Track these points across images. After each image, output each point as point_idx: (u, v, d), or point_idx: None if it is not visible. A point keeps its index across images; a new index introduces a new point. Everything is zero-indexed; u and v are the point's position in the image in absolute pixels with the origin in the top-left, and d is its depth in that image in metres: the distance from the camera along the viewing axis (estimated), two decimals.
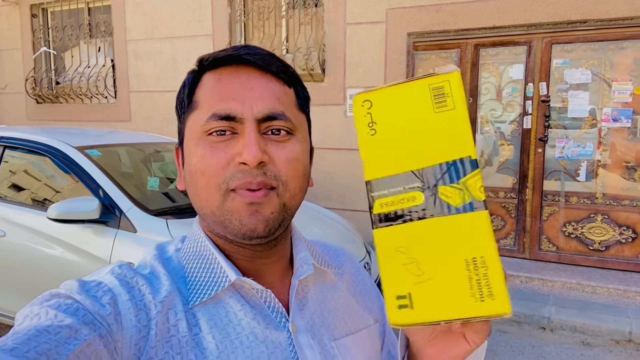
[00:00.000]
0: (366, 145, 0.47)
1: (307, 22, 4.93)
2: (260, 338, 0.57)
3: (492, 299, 0.40)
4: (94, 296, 0.51)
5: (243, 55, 0.56)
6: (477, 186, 0.41)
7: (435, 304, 0.43)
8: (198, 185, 0.56)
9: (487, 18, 4.09)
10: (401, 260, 0.44)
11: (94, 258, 2.52)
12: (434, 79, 0.44)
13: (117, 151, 3.26)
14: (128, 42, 5.81)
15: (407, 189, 0.44)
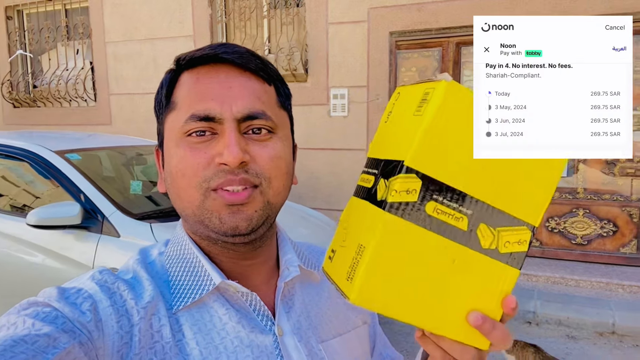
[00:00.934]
0: (379, 130, 0.52)
1: (288, 22, 4.91)
2: (245, 342, 0.56)
3: (350, 282, 0.44)
4: (74, 303, 0.50)
5: (220, 54, 0.55)
6: (392, 188, 0.43)
7: (337, 267, 0.48)
8: (179, 186, 0.55)
9: (468, 17, 4.13)
10: (344, 224, 0.51)
11: (76, 264, 2.47)
12: (429, 85, 0.45)
13: (98, 155, 3.20)
14: (107, 44, 5.72)
15: (370, 172, 0.49)
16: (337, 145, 4.67)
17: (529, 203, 0.46)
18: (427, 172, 0.43)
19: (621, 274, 3.80)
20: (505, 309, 0.46)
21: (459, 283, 0.45)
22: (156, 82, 3.05)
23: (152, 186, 3.23)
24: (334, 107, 4.65)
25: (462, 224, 0.44)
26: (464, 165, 0.44)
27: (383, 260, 0.43)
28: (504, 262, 0.46)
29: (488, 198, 0.45)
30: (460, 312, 0.46)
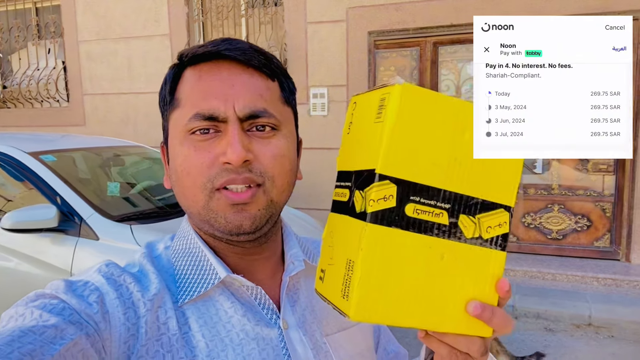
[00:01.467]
0: (343, 143, 0.53)
1: (267, 22, 4.89)
2: (251, 335, 0.57)
3: (346, 300, 0.44)
4: (81, 295, 0.51)
5: (222, 50, 0.55)
6: (369, 198, 0.43)
7: (330, 286, 0.48)
8: (184, 185, 0.55)
9: (445, 17, 4.18)
10: (329, 242, 0.51)
11: (53, 268, 2.41)
12: (384, 90, 0.45)
13: (73, 156, 3.12)
14: (80, 43, 5.58)
15: (344, 185, 0.50)
16: (317, 145, 4.67)
17: (500, 185, 0.47)
18: (399, 176, 0.43)
19: (595, 267, 3.91)
20: (500, 292, 0.47)
21: (451, 277, 0.46)
22: (131, 82, 3.04)
23: (130, 188, 3.18)
24: (314, 107, 4.66)
25: (443, 219, 0.45)
26: (433, 161, 0.45)
27: (374, 271, 0.43)
28: (490, 247, 0.47)
29: (462, 189, 0.46)
30: (458, 305, 0.46)
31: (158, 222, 2.59)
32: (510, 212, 0.48)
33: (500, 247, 0.48)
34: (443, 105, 0.45)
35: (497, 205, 0.47)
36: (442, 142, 0.45)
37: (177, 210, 2.83)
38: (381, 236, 0.43)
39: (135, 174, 3.43)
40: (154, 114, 5.37)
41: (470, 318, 0.46)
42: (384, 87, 0.45)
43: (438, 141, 0.45)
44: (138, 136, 5.40)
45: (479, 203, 0.46)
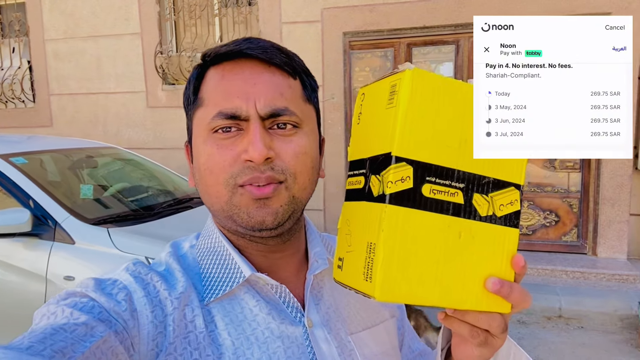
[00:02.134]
0: (353, 132, 0.54)
1: (241, 21, 4.86)
2: (276, 333, 0.57)
3: (370, 282, 0.45)
4: (110, 293, 0.52)
5: (245, 49, 0.56)
6: (387, 180, 0.44)
7: (350, 272, 0.49)
8: (207, 183, 0.56)
9: (418, 18, 4.25)
10: (345, 230, 0.52)
11: (28, 274, 2.33)
12: (394, 77, 0.47)
13: (43, 158, 3.03)
14: (46, 42, 5.42)
15: (358, 173, 0.51)
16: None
17: (509, 165, 0.49)
18: (415, 157, 0.45)
19: (564, 261, 4.05)
20: (515, 268, 0.49)
21: (469, 255, 0.47)
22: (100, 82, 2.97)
23: (103, 190, 3.10)
24: None
25: (458, 198, 0.47)
26: (445, 143, 0.46)
27: (396, 252, 0.44)
28: (503, 224, 0.49)
29: (474, 168, 0.47)
30: (477, 282, 0.47)
31: (136, 225, 2.54)
32: (520, 190, 0.50)
33: (512, 225, 0.49)
34: (451, 88, 0.47)
35: (508, 184, 0.49)
36: (452, 124, 0.47)
37: (155, 212, 2.79)
38: (401, 217, 0.44)
39: (109, 176, 3.35)
40: (125, 114, 5.27)
41: (489, 294, 0.47)
42: (394, 74, 0.47)
43: (448, 123, 0.46)
44: (108, 137, 5.27)
45: (491, 182, 0.48)
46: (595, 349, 3.07)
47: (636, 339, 3.14)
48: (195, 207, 3.05)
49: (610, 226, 4.02)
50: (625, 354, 3.01)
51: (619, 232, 4.02)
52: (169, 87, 5.10)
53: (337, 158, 4.53)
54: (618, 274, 3.75)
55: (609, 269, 3.82)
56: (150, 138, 5.23)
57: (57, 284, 2.28)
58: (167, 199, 3.14)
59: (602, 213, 4.04)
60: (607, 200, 4.01)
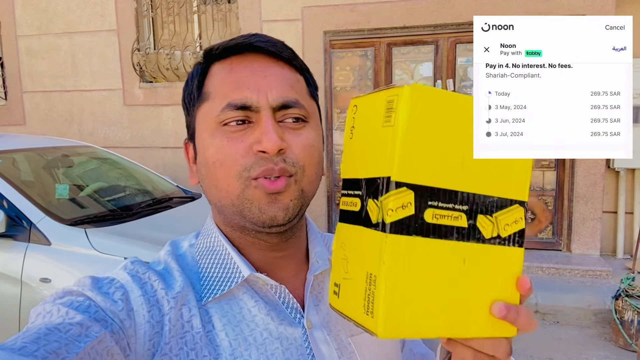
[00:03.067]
0: (346, 147, 0.51)
1: (220, 19, 4.81)
2: (274, 334, 0.56)
3: (371, 317, 0.42)
4: (106, 292, 0.51)
5: (254, 42, 0.55)
6: (387, 207, 0.41)
7: (349, 302, 0.46)
8: (217, 176, 0.55)
9: (398, 18, 4.28)
10: (341, 254, 0.49)
11: (2, 276, 2.27)
12: (390, 92, 0.43)
13: (17, 157, 2.94)
14: (19, 38, 5.26)
15: (353, 194, 0.47)
16: None
17: (513, 181, 0.47)
18: (416, 182, 0.42)
19: (540, 258, 4.14)
20: (521, 290, 0.46)
21: (474, 280, 0.44)
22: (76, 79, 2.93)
23: (79, 190, 3.03)
24: None
25: (462, 222, 0.44)
26: (447, 162, 0.43)
27: (398, 284, 0.41)
28: (508, 245, 0.46)
29: (477, 188, 0.45)
30: (482, 308, 0.45)
31: (114, 225, 2.49)
32: (525, 207, 0.47)
33: (518, 244, 0.47)
34: (452, 103, 0.44)
35: (512, 202, 0.46)
36: (454, 141, 0.44)
37: (133, 212, 2.74)
38: (403, 246, 0.41)
39: (85, 175, 3.28)
40: (101, 112, 5.15)
41: (495, 319, 0.45)
42: (390, 88, 0.44)
43: (450, 141, 0.43)
44: (83, 136, 5.15)
45: (495, 201, 0.45)
46: (571, 343, 3.15)
47: (609, 333, 3.23)
48: (175, 206, 3.01)
49: (584, 223, 4.13)
50: (600, 348, 3.10)
51: (592, 229, 4.13)
52: (147, 85, 5.01)
53: None
54: (591, 270, 3.85)
55: (582, 265, 3.92)
56: (128, 137, 5.13)
57: (32, 287, 2.22)
58: (146, 198, 3.09)
59: (576, 211, 4.14)
60: (581, 198, 4.11)
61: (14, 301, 2.24)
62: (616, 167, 4.07)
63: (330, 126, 4.60)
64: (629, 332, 3.02)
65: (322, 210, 4.65)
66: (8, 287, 2.25)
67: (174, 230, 2.54)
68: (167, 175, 3.91)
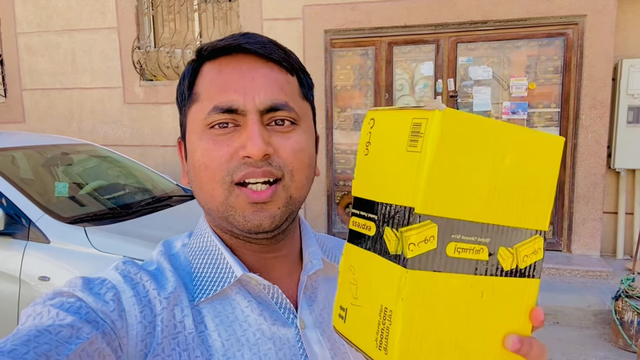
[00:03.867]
0: (359, 163, 0.47)
1: (221, 17, 4.80)
2: (267, 335, 0.56)
3: (385, 353, 0.40)
4: (97, 293, 0.51)
5: (243, 44, 0.55)
6: (409, 241, 0.38)
7: (358, 331, 0.44)
8: (202, 180, 0.55)
9: (399, 17, 4.27)
10: (349, 278, 0.46)
11: (0, 274, 2.26)
12: (417, 113, 0.40)
13: (16, 155, 2.94)
14: (18, 35, 5.25)
15: (366, 216, 0.45)
16: None
17: (535, 211, 0.45)
18: (441, 214, 0.39)
19: None
20: (534, 322, 0.46)
21: (489, 314, 0.43)
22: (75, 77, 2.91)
23: (79, 188, 3.03)
24: None
25: (483, 255, 0.42)
26: (473, 193, 0.41)
27: (415, 322, 0.39)
28: (526, 276, 0.45)
29: (500, 220, 0.43)
30: (496, 341, 0.44)
31: (114, 224, 2.48)
32: (544, 237, 0.46)
33: (534, 275, 0.45)
34: (483, 130, 0.41)
35: (532, 232, 0.45)
36: (482, 171, 0.41)
37: (133, 211, 2.73)
38: (423, 282, 0.39)
39: (85, 174, 3.27)
40: (101, 110, 5.15)
41: (507, 353, 0.44)
42: (418, 109, 0.40)
43: (478, 170, 0.41)
44: (83, 134, 5.15)
45: (517, 232, 0.44)
46: (570, 344, 3.14)
47: (609, 333, 3.23)
48: (175, 205, 3.00)
49: (584, 224, 4.12)
50: (599, 349, 3.09)
51: (592, 229, 4.12)
52: (147, 83, 5.00)
53: (319, 155, 4.50)
54: (592, 271, 3.84)
55: (583, 265, 3.91)
56: (127, 135, 5.12)
57: (31, 285, 2.22)
58: (146, 197, 3.09)
59: (577, 211, 4.14)
60: (582, 199, 4.11)
61: (13, 299, 2.23)
62: (617, 167, 4.06)
63: (331, 125, 4.59)
64: (629, 333, 3.02)
65: (322, 210, 4.64)
66: (7, 285, 2.25)
67: (174, 229, 2.54)
68: (167, 174, 3.91)
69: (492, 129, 0.41)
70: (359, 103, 4.57)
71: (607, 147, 4.04)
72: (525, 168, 0.43)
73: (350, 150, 4.63)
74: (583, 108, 4.02)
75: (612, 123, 4.06)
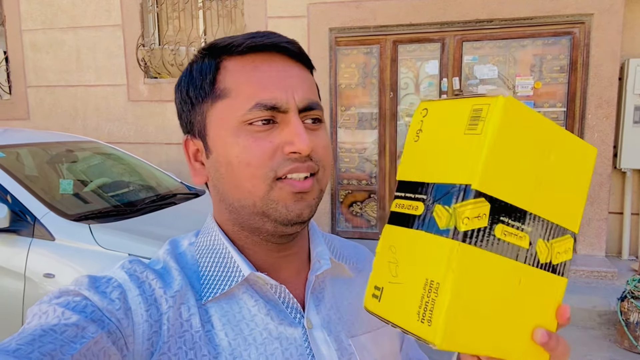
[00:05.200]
0: (408, 149, 0.49)
1: (225, 15, 4.79)
2: (274, 334, 0.56)
3: (428, 325, 0.41)
4: (103, 292, 0.51)
5: (279, 43, 0.55)
6: (463, 215, 0.40)
7: (393, 306, 0.45)
8: (240, 176, 0.54)
9: (404, 15, 4.25)
10: (388, 257, 0.47)
11: (5, 271, 2.27)
12: (478, 100, 0.43)
13: (21, 152, 2.94)
14: (23, 32, 5.26)
15: (416, 197, 0.46)
16: None
17: (570, 211, 0.47)
18: (494, 194, 0.41)
19: None
20: (560, 319, 0.47)
21: (523, 303, 0.45)
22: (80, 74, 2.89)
23: (84, 185, 3.03)
24: None
25: (524, 242, 0.44)
26: (522, 181, 0.43)
27: (463, 296, 0.40)
28: (557, 273, 0.47)
29: (543, 212, 0.45)
30: (525, 332, 0.45)
31: (118, 221, 2.48)
32: (575, 238, 0.48)
33: (565, 274, 0.48)
34: (537, 123, 0.44)
35: (566, 231, 0.47)
36: (532, 161, 0.44)
37: (137, 208, 2.73)
38: (472, 258, 0.40)
39: (89, 171, 3.27)
40: (105, 108, 5.15)
41: (533, 345, 0.45)
42: (479, 97, 0.43)
43: (529, 160, 0.43)
44: (88, 131, 5.16)
45: (554, 228, 0.46)
46: (575, 344, 3.13)
47: (614, 334, 3.21)
48: (179, 203, 3.00)
49: (590, 224, 4.10)
50: (604, 349, 3.08)
51: (598, 229, 4.10)
52: (151, 81, 5.00)
53: None
54: (597, 271, 3.83)
55: (588, 265, 3.89)
56: (132, 132, 5.13)
57: (36, 282, 2.22)
58: (150, 194, 3.09)
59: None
60: (588, 199, 4.08)
61: (18, 296, 2.24)
62: (623, 167, 4.03)
63: (335, 124, 4.58)
64: (635, 334, 3.00)
65: (326, 209, 4.64)
66: (12, 282, 2.25)
67: (178, 227, 2.54)
68: (171, 171, 3.91)
69: (543, 124, 0.44)
70: (363, 102, 4.56)
71: (613, 147, 4.02)
72: (565, 168, 0.46)
73: (355, 149, 4.62)
74: (589, 107, 4.00)
75: (619, 123, 4.03)
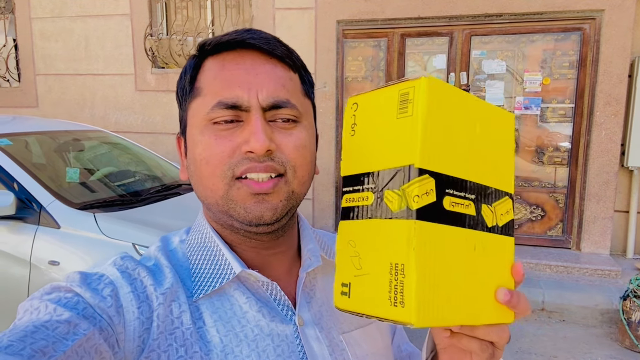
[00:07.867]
0: (346, 145, 0.50)
1: (233, 5, 4.78)
2: (265, 331, 0.56)
3: (402, 307, 0.41)
4: (95, 289, 0.51)
5: (247, 39, 0.54)
6: (413, 194, 0.42)
7: (364, 298, 0.46)
8: (203, 174, 0.54)
9: (413, 9, 4.22)
10: (349, 252, 0.48)
11: (11, 258, 2.30)
12: (403, 85, 0.44)
13: (29, 140, 2.97)
14: (33, 20, 5.28)
15: (364, 188, 0.47)
16: None
17: (503, 174, 0.50)
18: (436, 169, 0.43)
19: (548, 255, 4.10)
20: (516, 277, 0.49)
21: (481, 267, 0.47)
22: (88, 63, 2.93)
23: (90, 174, 3.06)
24: None
25: (471, 210, 0.46)
26: (457, 154, 0.45)
27: (428, 271, 0.41)
28: (504, 234, 0.50)
29: (481, 179, 0.47)
30: (488, 295, 0.47)
31: (123, 211, 2.51)
32: (512, 199, 0.51)
33: (510, 234, 0.50)
34: (459, 98, 0.46)
35: (504, 194, 0.50)
36: (461, 135, 0.46)
37: (142, 198, 2.75)
38: (429, 233, 0.42)
39: (96, 160, 3.30)
40: (113, 97, 5.18)
41: (497, 306, 0.47)
42: (402, 82, 0.44)
43: (458, 133, 0.45)
44: (95, 120, 5.19)
45: (493, 192, 0.49)
46: (576, 342, 3.13)
47: (616, 333, 3.21)
48: (184, 193, 3.02)
49: (595, 222, 4.08)
50: (605, 348, 3.08)
51: (603, 227, 4.08)
52: (159, 71, 5.01)
53: (327, 147, 4.51)
54: (600, 269, 3.81)
55: (591, 264, 3.88)
56: (139, 122, 5.15)
57: (41, 269, 2.25)
58: (155, 184, 3.11)
59: (588, 209, 4.09)
60: (593, 197, 4.06)
61: (23, 282, 2.28)
62: (630, 166, 4.00)
63: (341, 117, 4.57)
64: (636, 333, 3.00)
65: (330, 201, 4.65)
66: (17, 268, 2.29)
67: (182, 217, 2.56)
68: (177, 162, 3.93)
69: (465, 98, 0.46)
70: None
71: (620, 145, 3.98)
72: (491, 136, 0.49)
73: None
74: (597, 105, 3.96)
75: (627, 121, 3.99)
